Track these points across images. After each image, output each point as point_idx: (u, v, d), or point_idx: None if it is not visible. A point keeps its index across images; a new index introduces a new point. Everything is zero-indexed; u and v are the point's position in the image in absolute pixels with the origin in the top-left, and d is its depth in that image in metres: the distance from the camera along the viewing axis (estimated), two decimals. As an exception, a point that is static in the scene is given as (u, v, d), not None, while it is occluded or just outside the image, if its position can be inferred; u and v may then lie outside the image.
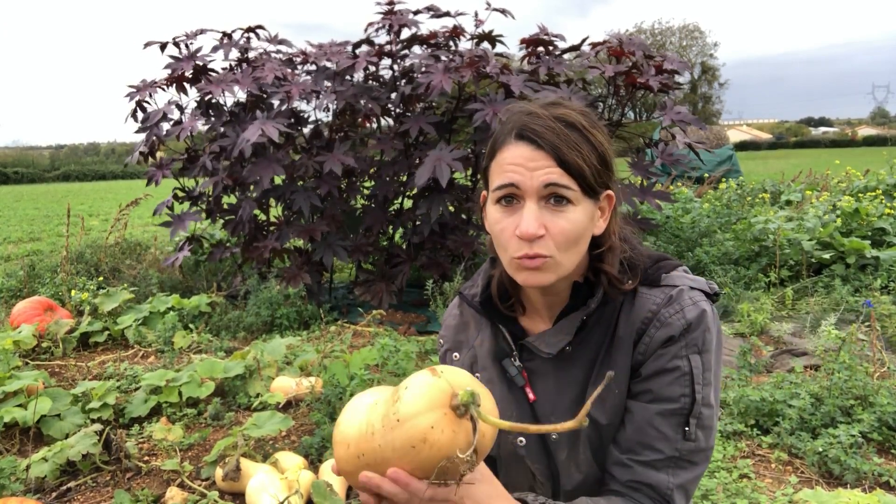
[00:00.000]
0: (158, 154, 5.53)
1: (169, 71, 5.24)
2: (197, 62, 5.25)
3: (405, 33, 5.11)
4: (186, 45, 5.32)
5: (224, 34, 5.40)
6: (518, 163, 1.00)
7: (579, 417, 0.79)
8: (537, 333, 1.14)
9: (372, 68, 5.14)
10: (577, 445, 1.11)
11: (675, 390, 1.03)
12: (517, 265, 1.03)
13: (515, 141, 1.01)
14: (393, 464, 0.87)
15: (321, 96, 5.04)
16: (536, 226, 0.99)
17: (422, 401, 0.86)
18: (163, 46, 5.28)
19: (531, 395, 1.15)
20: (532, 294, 1.15)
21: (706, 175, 10.94)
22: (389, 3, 5.07)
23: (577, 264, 1.06)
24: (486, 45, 5.14)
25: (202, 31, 5.35)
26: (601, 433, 1.09)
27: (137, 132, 5.37)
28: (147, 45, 5.31)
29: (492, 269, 1.20)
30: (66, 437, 2.84)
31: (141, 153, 5.42)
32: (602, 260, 1.09)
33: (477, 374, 1.20)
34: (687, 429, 1.04)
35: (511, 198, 1.02)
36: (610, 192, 1.07)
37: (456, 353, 1.25)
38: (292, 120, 5.30)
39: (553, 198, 1.00)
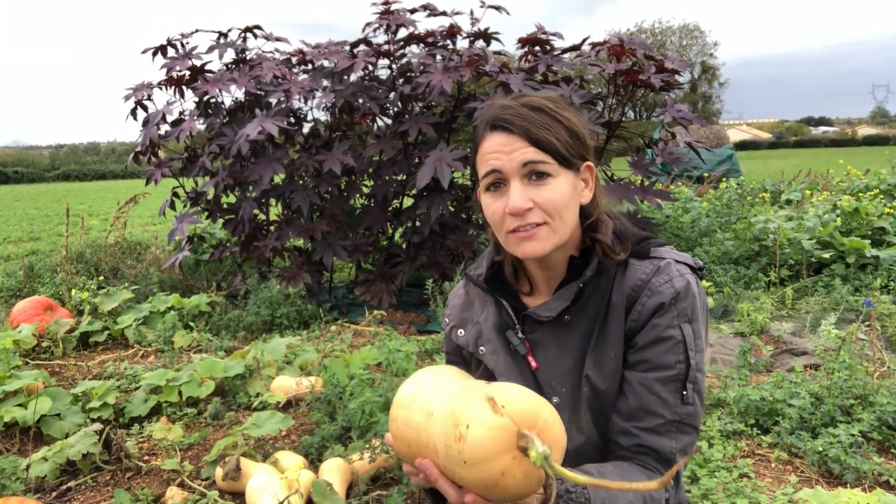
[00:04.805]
0: (160, 154, 5.53)
1: (165, 71, 5.23)
2: (193, 62, 5.24)
3: (402, 32, 5.10)
4: (182, 45, 5.31)
5: (220, 34, 5.37)
6: (496, 150, 1.11)
7: (664, 480, 0.77)
8: (538, 304, 1.22)
9: (371, 68, 5.13)
10: (579, 409, 1.18)
11: (670, 358, 1.11)
12: (514, 240, 1.12)
13: (491, 132, 1.13)
14: (460, 480, 0.91)
15: (319, 95, 5.03)
16: (523, 200, 1.09)
17: (488, 445, 0.86)
18: (161, 50, 5.26)
19: (533, 363, 1.23)
20: (532, 269, 1.24)
21: (706, 174, 10.93)
22: (386, 3, 5.07)
23: (570, 232, 1.15)
24: (482, 42, 5.14)
25: (197, 31, 5.35)
26: (600, 397, 1.16)
27: (143, 129, 5.37)
28: (145, 51, 5.30)
29: (496, 254, 1.30)
30: (66, 436, 2.84)
31: (138, 153, 5.41)
32: (595, 230, 1.18)
33: (482, 347, 1.28)
34: (685, 393, 1.11)
35: (498, 183, 1.13)
36: (589, 163, 1.17)
37: (461, 330, 1.34)
38: (291, 119, 5.29)
39: (534, 174, 1.10)
